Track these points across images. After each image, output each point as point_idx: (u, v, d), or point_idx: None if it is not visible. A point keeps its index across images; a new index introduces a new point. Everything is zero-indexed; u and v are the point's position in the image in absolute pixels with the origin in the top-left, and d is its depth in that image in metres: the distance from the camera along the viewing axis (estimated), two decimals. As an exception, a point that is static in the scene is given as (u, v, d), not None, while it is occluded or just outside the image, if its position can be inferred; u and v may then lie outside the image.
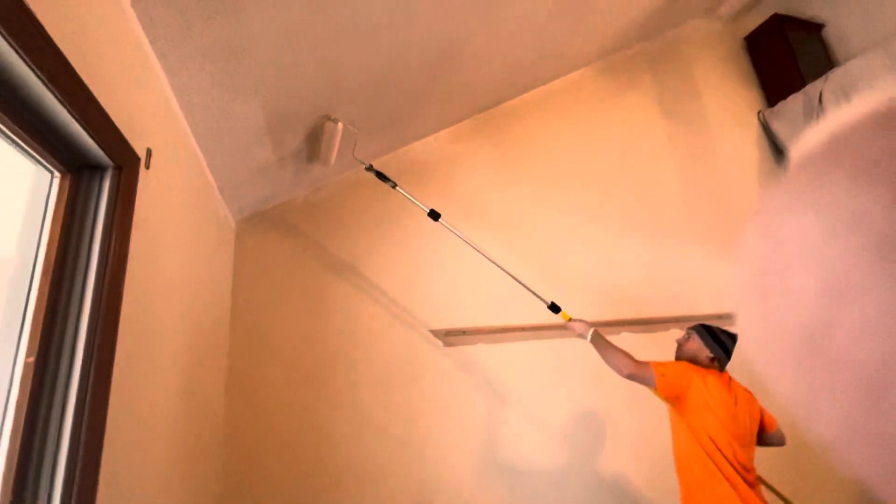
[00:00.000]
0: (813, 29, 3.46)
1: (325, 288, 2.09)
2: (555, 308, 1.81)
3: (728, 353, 1.56)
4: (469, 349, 2.19)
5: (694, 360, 1.58)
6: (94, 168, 0.89)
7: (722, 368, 1.57)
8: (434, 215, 1.86)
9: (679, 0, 2.81)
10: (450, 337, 2.17)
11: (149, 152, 1.04)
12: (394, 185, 1.87)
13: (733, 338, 1.59)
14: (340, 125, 1.80)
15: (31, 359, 0.73)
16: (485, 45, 1.95)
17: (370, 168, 1.89)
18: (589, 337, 1.66)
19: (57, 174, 0.85)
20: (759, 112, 3.34)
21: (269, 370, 1.94)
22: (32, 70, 0.62)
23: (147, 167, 1.04)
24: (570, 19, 2.18)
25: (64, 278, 0.81)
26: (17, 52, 0.58)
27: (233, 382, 1.88)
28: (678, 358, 1.66)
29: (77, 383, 0.76)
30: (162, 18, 1.04)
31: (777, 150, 3.24)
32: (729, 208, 2.95)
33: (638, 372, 1.52)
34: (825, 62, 3.33)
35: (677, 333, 2.53)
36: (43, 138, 0.76)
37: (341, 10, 1.32)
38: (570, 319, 1.76)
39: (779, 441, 1.62)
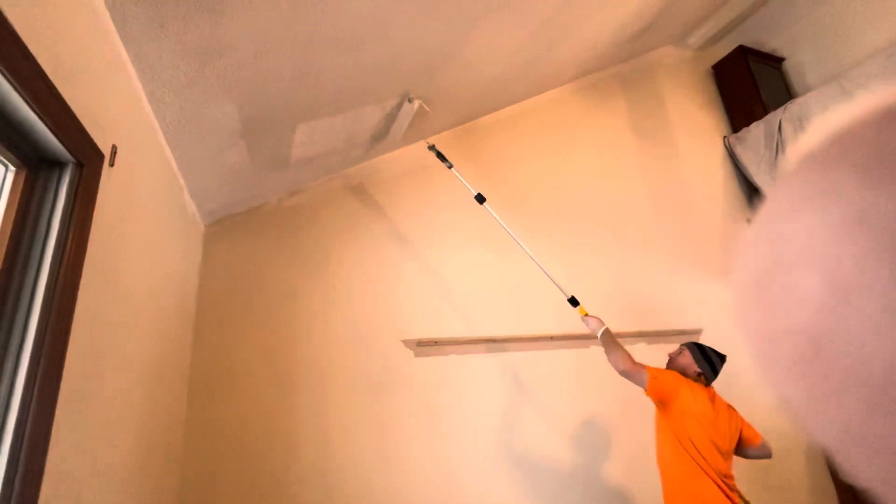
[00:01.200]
0: (774, 62, 3.68)
1: (295, 294, 2.05)
2: (574, 302, 1.94)
3: (714, 371, 1.67)
4: (441, 359, 2.18)
5: (682, 373, 1.69)
6: (53, 163, 0.86)
7: (707, 384, 1.68)
8: (480, 199, 2.04)
9: (651, 28, 2.94)
10: (422, 347, 2.15)
11: (114, 149, 1.01)
12: (450, 166, 2.09)
13: (722, 358, 1.71)
14: (417, 104, 1.93)
15: (-29, 362, 0.69)
16: (464, 59, 1.98)
17: (432, 147, 2.12)
18: (600, 333, 1.76)
19: (12, 168, 0.81)
20: (724, 137, 3.50)
21: (235, 377, 1.88)
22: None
23: (111, 165, 1.01)
24: (548, 40, 2.24)
25: (13, 279, 0.77)
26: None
27: (195, 390, 1.81)
28: (669, 366, 1.78)
29: (21, 390, 0.72)
30: (135, 15, 1.02)
31: (741, 174, 3.40)
32: (695, 228, 3.06)
33: (633, 371, 1.62)
34: (785, 93, 3.54)
35: (644, 348, 2.60)
36: (-2, 130, 0.73)
37: (321, 20, 1.32)
38: (586, 315, 1.87)
39: (764, 454, 1.71)
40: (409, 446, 2.00)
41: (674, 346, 1.90)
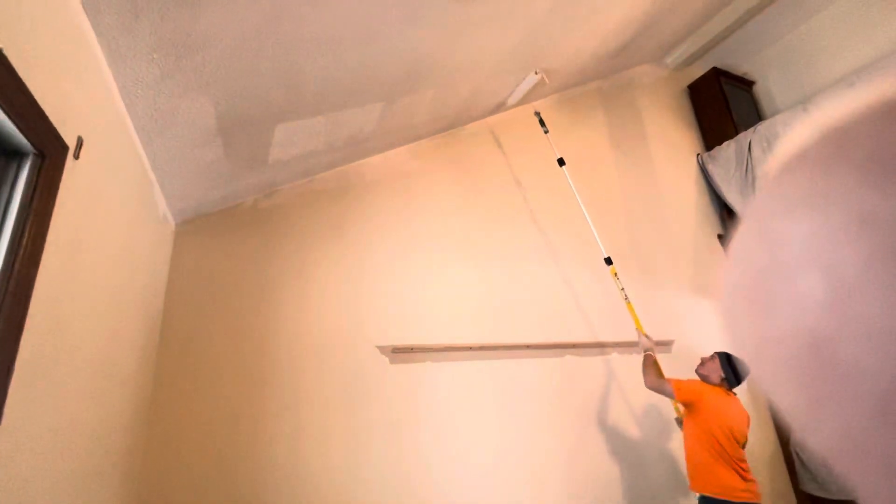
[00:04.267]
0: (746, 85, 3.84)
1: (268, 298, 2.00)
2: (609, 261, 2.42)
3: (738, 380, 1.95)
4: (417, 367, 2.16)
5: (706, 377, 1.99)
6: (13, 153, 0.81)
7: (729, 388, 1.96)
8: (561, 162, 2.58)
9: (630, 47, 3.03)
10: (397, 353, 2.13)
11: (80, 141, 0.97)
12: (546, 132, 2.63)
13: (747, 371, 1.95)
14: (540, 76, 2.36)
15: None
16: (449, 66, 1.99)
17: (537, 113, 2.68)
18: (644, 352, 2.16)
19: (-34, 157, 0.77)
20: (697, 154, 3.62)
21: (203, 382, 1.81)
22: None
23: (76, 157, 0.96)
24: (531, 53, 2.28)
25: (-39, 272, 0.72)
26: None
27: (160, 394, 1.74)
28: (699, 368, 2.07)
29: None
30: (108, 5, 0.99)
31: (713, 191, 3.51)
32: (668, 242, 3.14)
33: (658, 386, 1.99)
34: (755, 115, 3.69)
35: (618, 358, 2.64)
36: (-49, 116, 0.69)
37: (304, 19, 1.30)
38: (642, 331, 2.27)
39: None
40: (384, 455, 1.97)
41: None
